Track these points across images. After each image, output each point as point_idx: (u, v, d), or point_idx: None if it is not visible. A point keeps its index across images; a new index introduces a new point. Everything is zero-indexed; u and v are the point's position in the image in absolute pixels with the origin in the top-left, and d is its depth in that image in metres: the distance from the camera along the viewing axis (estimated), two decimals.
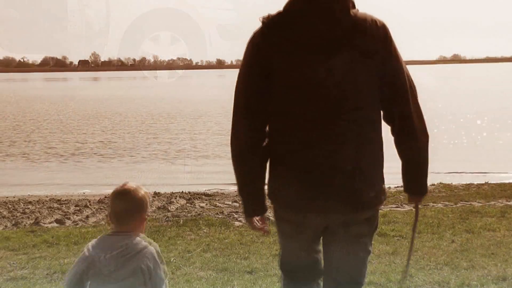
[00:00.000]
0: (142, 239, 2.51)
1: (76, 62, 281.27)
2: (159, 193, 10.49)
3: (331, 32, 2.39)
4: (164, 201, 9.59)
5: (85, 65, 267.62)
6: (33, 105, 37.71)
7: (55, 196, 10.64)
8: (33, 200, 10.03)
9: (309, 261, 2.76)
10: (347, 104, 2.43)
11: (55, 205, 9.37)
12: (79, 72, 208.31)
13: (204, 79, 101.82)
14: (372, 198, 2.54)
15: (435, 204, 8.28)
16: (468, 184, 10.95)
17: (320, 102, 2.42)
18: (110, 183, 12.32)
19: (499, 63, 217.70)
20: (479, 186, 10.55)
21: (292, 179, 2.51)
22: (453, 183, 11.16)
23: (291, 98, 2.45)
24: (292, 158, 2.50)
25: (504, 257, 5.09)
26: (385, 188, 2.64)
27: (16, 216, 8.50)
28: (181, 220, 6.82)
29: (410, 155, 2.59)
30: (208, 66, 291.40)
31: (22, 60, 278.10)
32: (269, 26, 2.46)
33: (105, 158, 16.03)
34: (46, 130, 22.76)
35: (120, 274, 2.41)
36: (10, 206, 9.38)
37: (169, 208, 8.89)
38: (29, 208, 9.16)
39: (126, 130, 22.47)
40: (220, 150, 16.42)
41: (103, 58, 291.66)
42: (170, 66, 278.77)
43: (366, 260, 2.71)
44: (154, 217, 7.96)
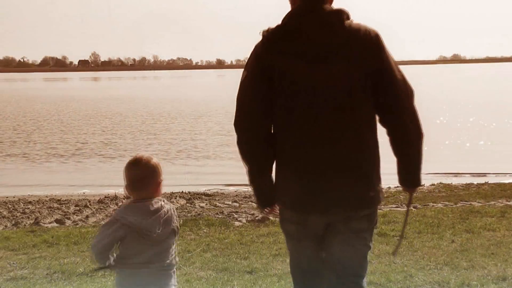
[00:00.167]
0: (166, 201, 2.67)
1: (76, 62, 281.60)
2: None
3: (327, 43, 2.58)
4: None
5: (85, 65, 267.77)
6: (33, 105, 37.73)
7: (55, 196, 10.64)
8: (33, 200, 10.03)
9: (317, 262, 2.86)
10: (344, 108, 2.59)
11: (55, 205, 9.38)
12: (79, 72, 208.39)
13: (204, 79, 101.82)
14: (372, 197, 2.68)
15: (435, 204, 8.28)
16: (468, 184, 10.95)
17: (318, 107, 2.59)
18: (110, 184, 12.33)
19: (499, 63, 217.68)
20: (479, 186, 10.55)
21: (294, 181, 2.67)
22: (453, 183, 11.17)
23: (291, 104, 2.61)
24: (293, 160, 2.66)
25: (504, 257, 5.09)
26: (381, 194, 2.75)
27: (16, 216, 8.51)
28: (181, 220, 6.82)
29: (404, 151, 2.73)
30: (208, 66, 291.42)
31: (22, 60, 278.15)
32: (269, 38, 2.63)
33: (106, 158, 16.04)
34: (47, 130, 22.77)
35: (163, 234, 2.59)
36: (10, 206, 9.38)
37: None
38: (29, 208, 9.17)
39: (127, 130, 22.47)
40: (221, 151, 16.37)
41: (103, 58, 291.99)
42: (170, 66, 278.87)
43: (367, 254, 2.82)
44: None
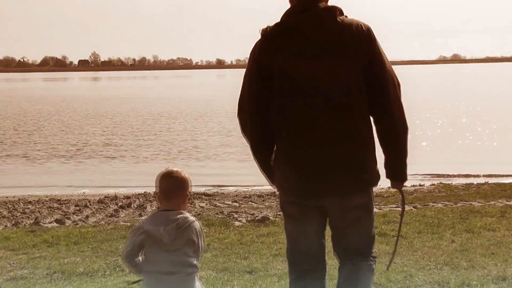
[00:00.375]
0: (189, 215, 2.84)
1: (76, 62, 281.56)
2: None
3: (321, 39, 2.77)
4: None
5: (85, 65, 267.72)
6: (34, 105, 37.72)
7: (55, 196, 10.63)
8: (33, 200, 10.02)
9: (317, 245, 3.00)
10: (338, 100, 2.78)
11: (55, 205, 9.37)
12: (79, 72, 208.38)
13: (204, 79, 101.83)
14: (365, 181, 2.88)
15: (435, 204, 8.28)
16: (468, 184, 10.94)
17: (314, 99, 2.78)
18: (111, 184, 12.33)
19: (499, 63, 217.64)
20: (479, 186, 10.54)
21: (293, 176, 2.86)
22: (453, 183, 11.16)
23: (288, 98, 2.81)
24: (291, 149, 2.86)
25: (504, 257, 5.09)
26: (378, 171, 2.93)
27: (16, 216, 8.50)
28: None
29: (389, 142, 2.90)
30: (208, 66, 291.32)
31: (22, 60, 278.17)
32: (267, 37, 2.83)
33: (106, 159, 16.03)
34: (47, 130, 22.76)
35: (177, 244, 2.75)
36: (10, 206, 9.38)
37: None
38: (29, 208, 9.16)
39: (127, 130, 22.46)
40: (221, 151, 16.36)
41: (103, 58, 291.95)
42: (170, 66, 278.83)
43: (371, 231, 3.02)
44: None
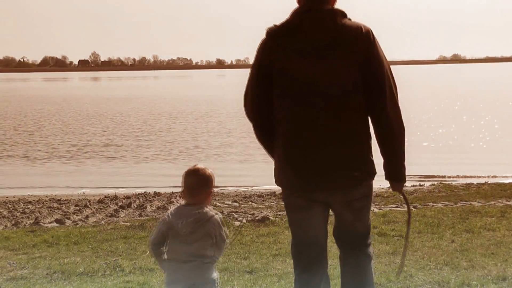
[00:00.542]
0: (210, 210, 2.99)
1: (76, 62, 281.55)
2: (159, 193, 10.49)
3: (321, 38, 2.88)
4: (164, 201, 9.59)
5: (85, 65, 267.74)
6: (34, 105, 37.72)
7: (55, 196, 10.64)
8: (33, 200, 10.03)
9: (322, 235, 3.12)
10: (336, 100, 2.87)
11: (55, 205, 9.38)
12: (79, 72, 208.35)
13: (204, 79, 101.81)
14: (359, 176, 2.98)
15: (435, 204, 8.28)
16: (468, 184, 10.94)
17: (312, 99, 2.88)
18: (110, 184, 12.33)
19: (499, 63, 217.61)
20: (479, 186, 10.54)
21: (292, 166, 2.97)
22: (453, 183, 11.17)
23: (288, 94, 2.92)
24: (291, 148, 2.97)
25: (504, 257, 5.09)
26: (373, 167, 3.01)
27: (16, 216, 8.51)
28: None
29: (386, 143, 2.99)
30: (208, 66, 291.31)
31: (22, 60, 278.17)
32: (271, 35, 2.96)
33: (107, 159, 16.03)
34: (48, 130, 22.76)
35: (195, 237, 2.90)
36: (10, 206, 9.38)
37: (169, 208, 8.88)
38: (29, 208, 9.17)
39: (128, 130, 22.45)
40: (222, 151, 16.36)
41: (103, 58, 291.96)
42: (170, 66, 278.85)
43: (369, 218, 3.18)
44: (154, 217, 7.96)
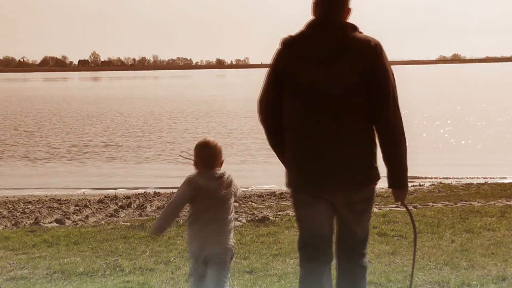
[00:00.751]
0: (227, 172, 3.56)
1: (76, 62, 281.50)
2: (159, 193, 10.49)
3: (330, 48, 3.08)
4: (164, 201, 9.59)
5: (85, 65, 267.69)
6: (34, 105, 37.70)
7: (55, 196, 10.64)
8: (33, 200, 10.03)
9: (329, 229, 3.31)
10: (340, 103, 3.05)
11: (55, 205, 9.38)
12: (79, 72, 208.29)
13: (204, 79, 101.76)
14: (361, 180, 3.13)
15: (435, 204, 8.28)
16: (468, 184, 10.94)
17: (318, 103, 3.07)
18: (110, 184, 12.33)
19: (499, 63, 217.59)
20: (479, 186, 10.54)
21: (298, 166, 3.17)
22: (453, 183, 11.17)
23: (297, 101, 3.12)
24: (299, 150, 3.15)
25: (504, 257, 5.09)
26: (377, 172, 3.18)
27: (16, 216, 8.51)
28: (181, 220, 6.81)
29: (388, 149, 3.14)
30: (208, 66, 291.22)
31: (22, 60, 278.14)
32: (286, 45, 3.18)
33: (107, 159, 16.02)
34: (48, 130, 22.75)
35: (226, 195, 3.50)
36: (10, 206, 9.38)
37: None
38: (29, 208, 9.17)
39: (128, 130, 22.44)
40: (223, 151, 16.22)
41: (103, 58, 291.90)
42: (170, 66, 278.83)
43: (368, 224, 3.36)
44: (154, 217, 7.96)
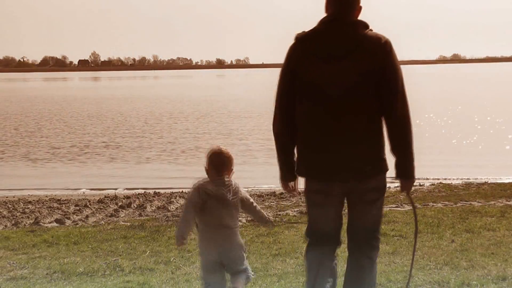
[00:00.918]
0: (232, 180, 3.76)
1: (76, 62, 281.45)
2: (159, 193, 10.49)
3: (342, 46, 3.19)
4: (164, 201, 9.59)
5: (85, 65, 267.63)
6: (34, 105, 37.69)
7: (55, 196, 10.63)
8: (33, 200, 10.03)
9: (337, 225, 3.43)
10: (351, 99, 3.18)
11: (55, 205, 9.37)
12: (79, 72, 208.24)
13: (204, 79, 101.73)
14: (371, 170, 3.28)
15: (435, 204, 8.28)
16: (468, 184, 10.93)
17: (330, 98, 3.20)
18: (110, 184, 12.33)
19: (499, 63, 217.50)
20: (479, 186, 10.53)
21: (314, 157, 3.30)
22: (453, 183, 11.16)
23: (310, 95, 3.25)
24: (311, 142, 3.29)
25: (504, 257, 5.09)
26: (385, 163, 3.31)
27: (16, 216, 8.51)
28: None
29: (397, 141, 3.27)
30: (208, 66, 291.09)
31: (22, 60, 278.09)
32: (299, 40, 3.29)
33: (107, 158, 16.01)
34: (48, 130, 22.73)
35: (233, 200, 3.69)
36: (10, 206, 9.38)
37: (169, 208, 8.89)
38: (29, 208, 9.17)
39: (128, 130, 22.42)
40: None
41: (103, 58, 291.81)
42: (170, 66, 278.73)
43: (380, 217, 3.46)
44: (154, 217, 7.96)
